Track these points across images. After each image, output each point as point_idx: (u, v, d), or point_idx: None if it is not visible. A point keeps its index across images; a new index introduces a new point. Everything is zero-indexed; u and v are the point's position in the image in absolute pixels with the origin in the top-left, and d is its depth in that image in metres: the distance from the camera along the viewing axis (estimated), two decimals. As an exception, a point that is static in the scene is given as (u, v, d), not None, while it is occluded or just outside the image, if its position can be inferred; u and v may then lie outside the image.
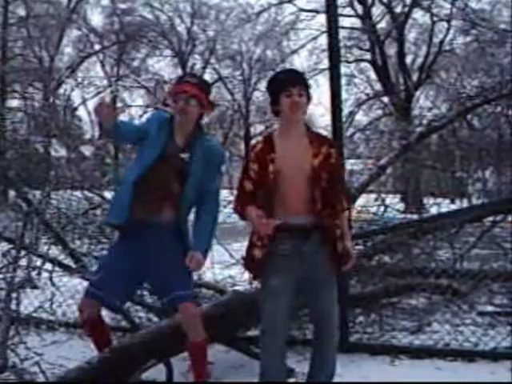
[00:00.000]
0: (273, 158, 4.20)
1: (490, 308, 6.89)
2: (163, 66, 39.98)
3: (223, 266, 7.06)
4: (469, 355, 5.70)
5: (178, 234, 4.56)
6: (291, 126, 4.30)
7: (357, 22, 32.85)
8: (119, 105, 36.04)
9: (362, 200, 7.50)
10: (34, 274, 6.15)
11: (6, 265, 5.53)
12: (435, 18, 31.34)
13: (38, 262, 6.17)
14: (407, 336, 6.21)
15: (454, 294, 6.66)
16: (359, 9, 32.27)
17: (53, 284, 6.53)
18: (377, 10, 32.17)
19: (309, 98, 4.33)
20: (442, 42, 31.50)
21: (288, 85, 4.23)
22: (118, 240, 4.85)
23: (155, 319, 6.17)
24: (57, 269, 6.48)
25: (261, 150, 4.29)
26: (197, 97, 4.57)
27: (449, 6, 30.04)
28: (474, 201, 8.31)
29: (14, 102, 34.17)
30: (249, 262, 4.33)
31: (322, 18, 26.72)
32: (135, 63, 39.20)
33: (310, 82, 4.51)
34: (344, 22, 30.01)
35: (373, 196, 7.65)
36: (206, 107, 4.69)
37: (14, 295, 5.29)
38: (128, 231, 4.60)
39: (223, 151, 4.93)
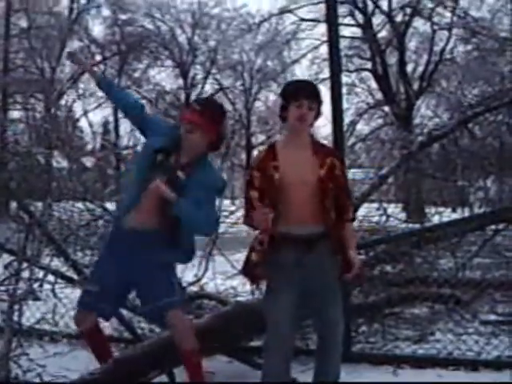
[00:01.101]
0: (276, 165, 4.21)
1: (492, 317, 6.88)
2: (164, 77, 40.09)
3: (225, 277, 7.04)
4: (472, 364, 5.69)
5: (167, 245, 4.55)
6: (295, 135, 4.31)
7: (357, 32, 33.00)
8: (119, 116, 36.07)
9: (363, 210, 7.49)
10: (36, 285, 6.13)
11: (8, 277, 5.52)
12: (436, 27, 31.42)
13: (40, 274, 6.16)
14: (410, 345, 6.20)
15: (457, 303, 6.65)
16: (360, 18, 32.36)
17: (55, 295, 6.52)
18: (377, 20, 32.27)
19: (318, 114, 4.33)
20: (442, 51, 31.55)
21: (301, 95, 4.23)
22: (106, 247, 4.87)
23: (157, 330, 6.16)
24: (59, 280, 6.47)
25: (264, 158, 4.30)
26: (198, 125, 4.54)
27: (449, 14, 30.21)
28: (476, 209, 8.30)
29: (15, 114, 34.29)
30: (245, 265, 4.34)
31: (322, 28, 26.72)
32: (136, 74, 39.22)
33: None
34: (345, 31, 30.19)
35: (374, 205, 7.64)
36: (212, 137, 4.63)
37: (16, 307, 5.28)
38: (118, 236, 4.62)
39: (223, 180, 4.84)
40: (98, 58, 35.65)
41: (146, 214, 4.52)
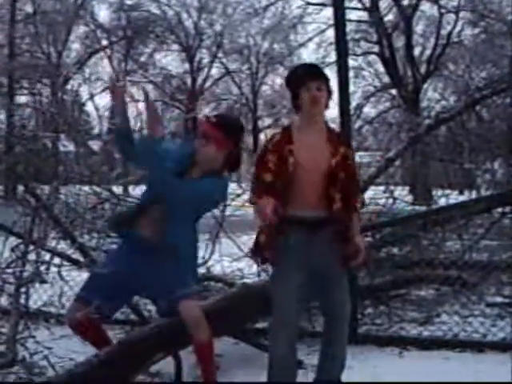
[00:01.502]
0: (291, 149, 4.20)
1: (499, 299, 6.88)
2: (170, 61, 40.15)
3: (232, 259, 7.05)
4: (477, 346, 5.70)
5: (174, 255, 4.52)
6: (311, 120, 4.29)
7: (364, 15, 32.85)
8: (127, 100, 36.02)
9: (370, 192, 7.48)
10: (42, 268, 6.15)
11: (15, 259, 5.54)
12: (443, 10, 31.30)
13: (47, 257, 6.18)
14: (416, 327, 6.21)
15: (463, 286, 6.64)
16: (367, 1, 32.20)
17: (62, 278, 6.54)
18: (384, 3, 32.12)
19: (330, 92, 4.32)
20: (450, 34, 31.42)
21: (307, 79, 4.22)
22: (115, 250, 4.87)
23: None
24: (66, 263, 6.50)
25: (279, 140, 4.28)
26: (212, 137, 4.46)
27: (457, -3, 30.00)
28: (483, 192, 8.27)
29: (22, 98, 34.35)
30: (254, 247, 4.35)
31: (329, 11, 26.69)
32: (143, 58, 39.27)
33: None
34: (351, 14, 30.06)
35: (381, 188, 7.63)
36: (227, 153, 4.53)
37: (23, 290, 5.31)
38: (129, 242, 4.62)
39: (225, 193, 4.75)
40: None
41: (154, 224, 4.51)
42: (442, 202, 7.64)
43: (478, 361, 5.37)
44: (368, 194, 7.38)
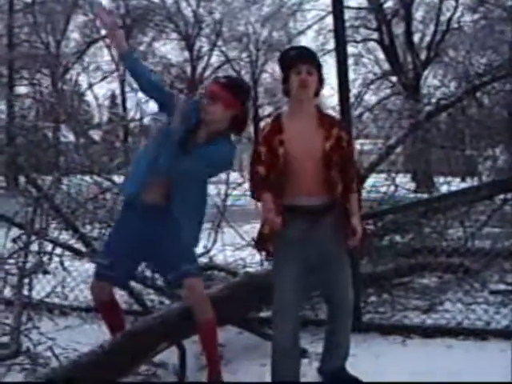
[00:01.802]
0: (282, 139, 4.16)
1: (502, 286, 6.86)
2: (170, 50, 40.01)
3: (234, 248, 7.05)
4: (481, 334, 5.67)
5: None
6: (300, 105, 4.24)
7: (364, 2, 32.75)
8: (126, 89, 36.02)
9: (371, 180, 7.48)
10: (45, 259, 6.15)
11: (17, 250, 5.53)
12: (443, -4, 31.17)
13: (49, 248, 6.18)
14: (419, 315, 6.20)
15: (466, 273, 6.65)
16: (366, -12, 32.10)
17: (64, 269, 6.55)
18: (383, -11, 31.99)
19: (321, 79, 4.26)
20: (449, 20, 31.34)
21: (297, 62, 4.16)
22: (121, 217, 4.86)
23: (167, 302, 6.18)
24: (68, 253, 6.50)
25: (269, 131, 4.24)
26: (220, 97, 4.42)
27: (456, -17, 29.90)
28: (485, 179, 8.26)
29: (21, 89, 34.29)
30: (258, 237, 4.34)
31: (328, -2, 26.56)
32: (142, 47, 39.12)
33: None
34: (351, 1, 29.92)
35: (383, 176, 7.62)
36: (234, 114, 4.49)
37: (26, 281, 5.31)
38: (134, 208, 4.60)
39: (231, 157, 4.63)
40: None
41: (156, 190, 4.50)
42: (444, 189, 7.63)
43: (482, 348, 5.37)
44: (369, 182, 7.37)
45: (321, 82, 4.26)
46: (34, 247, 5.76)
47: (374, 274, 6.50)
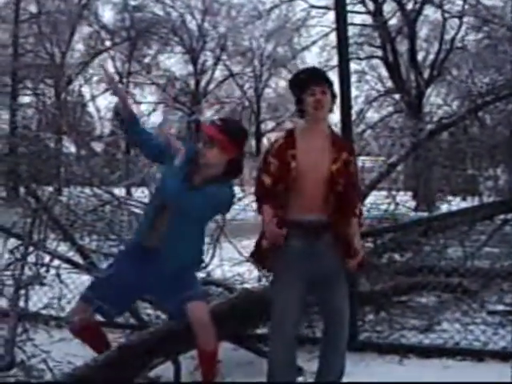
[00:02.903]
0: (294, 154, 4.21)
1: (500, 307, 6.85)
2: (174, 63, 40.09)
3: (232, 264, 7.02)
4: (478, 355, 5.66)
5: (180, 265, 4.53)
6: (315, 125, 4.30)
7: (368, 19, 32.78)
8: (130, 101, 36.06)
9: (372, 197, 7.47)
10: (42, 270, 6.12)
11: (14, 261, 5.51)
12: (447, 15, 31.28)
13: (47, 259, 6.15)
14: (416, 335, 6.18)
15: (464, 293, 6.63)
16: (370, 5, 32.16)
17: (61, 281, 6.52)
18: (388, 7, 32.10)
19: (333, 96, 4.33)
20: (453, 39, 31.38)
21: (310, 83, 4.23)
22: (124, 254, 4.85)
23: (163, 317, 6.15)
24: (65, 266, 6.47)
25: (282, 145, 4.29)
26: (216, 140, 4.40)
27: (460, 2, 30.02)
28: (486, 198, 8.25)
29: (25, 99, 34.34)
30: (255, 251, 4.34)
31: (332, 15, 26.55)
32: (146, 60, 39.24)
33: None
34: (355, 18, 30.08)
35: (383, 193, 7.61)
36: (230, 157, 4.47)
37: (22, 292, 5.27)
38: (139, 252, 4.59)
39: (231, 200, 4.64)
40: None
41: (156, 234, 4.50)
42: (445, 208, 7.62)
43: (479, 370, 5.34)
44: (370, 199, 7.36)
45: (333, 98, 4.33)
46: (32, 258, 5.73)
47: (372, 292, 6.47)
